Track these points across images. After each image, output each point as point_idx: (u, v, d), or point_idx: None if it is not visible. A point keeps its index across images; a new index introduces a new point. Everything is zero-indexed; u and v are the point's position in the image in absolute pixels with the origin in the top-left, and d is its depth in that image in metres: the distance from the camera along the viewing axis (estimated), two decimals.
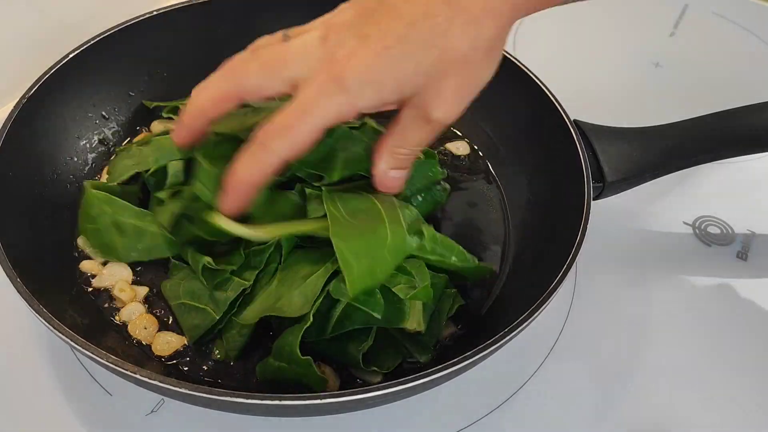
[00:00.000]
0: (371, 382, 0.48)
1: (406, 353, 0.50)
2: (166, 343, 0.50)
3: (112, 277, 0.54)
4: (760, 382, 0.56)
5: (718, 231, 0.68)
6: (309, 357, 0.45)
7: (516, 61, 0.63)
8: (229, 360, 0.50)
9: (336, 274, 0.47)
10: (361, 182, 0.51)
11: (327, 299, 0.47)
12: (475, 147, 0.68)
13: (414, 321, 0.49)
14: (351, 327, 0.47)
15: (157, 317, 0.52)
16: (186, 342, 0.51)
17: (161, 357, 0.50)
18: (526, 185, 0.62)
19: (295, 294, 0.47)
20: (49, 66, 0.58)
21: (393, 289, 0.47)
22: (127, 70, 0.65)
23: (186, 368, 0.50)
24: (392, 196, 0.50)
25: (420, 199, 0.57)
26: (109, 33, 0.62)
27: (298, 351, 0.45)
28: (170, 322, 0.52)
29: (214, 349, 0.50)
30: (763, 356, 0.58)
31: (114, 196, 0.53)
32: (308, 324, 0.45)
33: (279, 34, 0.47)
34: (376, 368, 0.48)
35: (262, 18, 0.69)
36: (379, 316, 0.47)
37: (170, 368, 0.50)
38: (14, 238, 0.48)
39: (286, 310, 0.46)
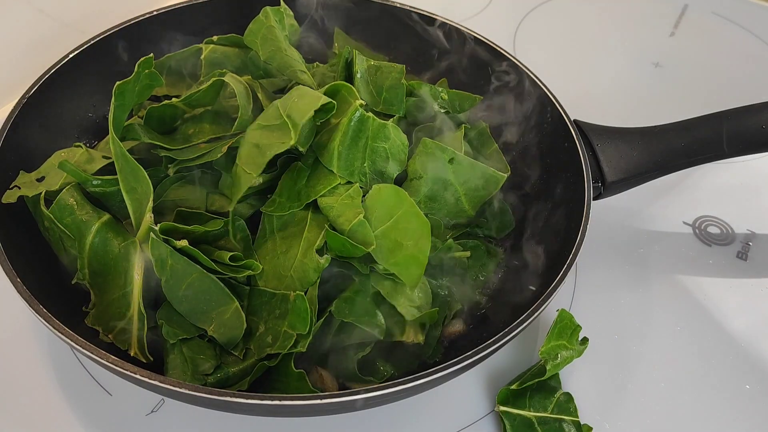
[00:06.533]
0: None
1: (408, 361, 0.50)
2: None
3: None
4: (760, 382, 0.56)
5: (718, 231, 0.68)
6: (302, 370, 0.45)
7: (516, 62, 0.63)
8: None
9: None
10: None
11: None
12: None
13: (412, 333, 0.49)
14: (349, 342, 0.48)
15: None
16: None
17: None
18: (526, 185, 0.62)
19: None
20: (49, 66, 0.58)
21: (399, 309, 0.48)
22: (127, 70, 0.65)
23: None
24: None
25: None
26: (109, 33, 0.62)
27: (293, 366, 0.45)
28: None
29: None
30: (763, 356, 0.58)
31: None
32: (303, 350, 0.45)
33: None
34: (372, 378, 0.48)
35: None
36: (381, 337, 0.48)
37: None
38: (15, 239, 0.48)
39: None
